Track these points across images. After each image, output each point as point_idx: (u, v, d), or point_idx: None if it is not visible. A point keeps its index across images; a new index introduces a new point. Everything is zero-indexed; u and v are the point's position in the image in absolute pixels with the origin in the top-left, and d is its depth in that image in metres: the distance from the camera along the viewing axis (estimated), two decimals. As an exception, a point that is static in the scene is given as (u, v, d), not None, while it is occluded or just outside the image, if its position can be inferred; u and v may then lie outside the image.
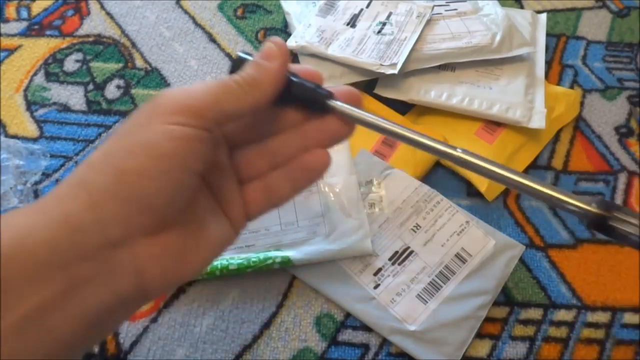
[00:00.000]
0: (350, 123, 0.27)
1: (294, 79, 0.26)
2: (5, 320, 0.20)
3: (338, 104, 0.26)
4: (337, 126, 0.27)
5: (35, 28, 0.56)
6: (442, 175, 0.47)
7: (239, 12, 0.57)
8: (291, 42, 0.49)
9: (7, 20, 0.56)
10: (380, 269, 0.40)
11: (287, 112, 0.28)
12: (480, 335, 0.39)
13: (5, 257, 0.21)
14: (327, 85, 0.27)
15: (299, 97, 0.27)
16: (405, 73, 0.48)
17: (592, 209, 0.23)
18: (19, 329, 0.21)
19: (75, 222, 0.22)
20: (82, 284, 0.22)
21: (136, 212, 0.22)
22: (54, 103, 0.51)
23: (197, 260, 0.25)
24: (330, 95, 0.27)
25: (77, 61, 0.53)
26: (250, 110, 0.25)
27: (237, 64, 0.27)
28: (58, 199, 0.23)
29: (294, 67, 0.27)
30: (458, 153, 0.26)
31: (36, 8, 0.57)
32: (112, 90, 0.51)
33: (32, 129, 0.49)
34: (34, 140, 0.48)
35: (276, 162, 0.28)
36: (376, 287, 0.40)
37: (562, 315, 0.40)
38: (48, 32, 0.55)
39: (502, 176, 0.25)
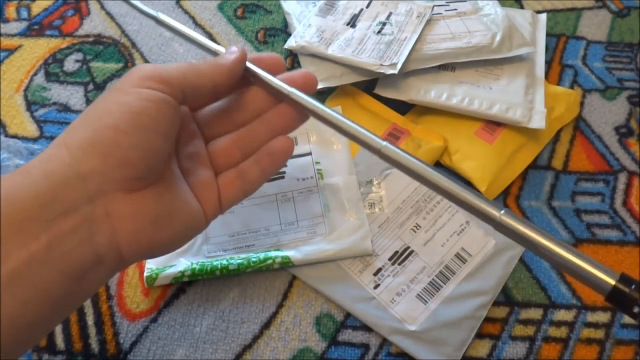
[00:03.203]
0: (301, 109, 0.31)
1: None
2: None
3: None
4: (290, 111, 0.31)
5: (35, 28, 0.56)
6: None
7: (239, 12, 0.57)
8: (291, 42, 0.49)
9: (7, 20, 0.56)
10: (380, 269, 0.40)
11: (252, 101, 0.32)
12: (480, 335, 0.39)
13: None
14: (328, 86, 0.29)
15: None
16: (405, 73, 0.48)
17: (611, 280, 0.22)
18: (9, 283, 0.22)
19: (57, 177, 0.23)
20: (64, 238, 0.23)
21: (113, 165, 0.24)
22: (54, 103, 0.51)
23: (169, 231, 0.27)
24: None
25: (77, 61, 0.53)
26: (210, 86, 0.29)
27: None
28: (40, 160, 0.24)
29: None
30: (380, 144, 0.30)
31: (36, 8, 0.57)
32: (112, 90, 0.51)
33: (32, 129, 0.49)
34: (34, 140, 0.48)
35: (248, 150, 0.32)
36: (376, 287, 0.40)
37: (562, 315, 0.40)
38: (48, 32, 0.55)
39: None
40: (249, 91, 0.32)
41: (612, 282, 0.23)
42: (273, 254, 0.40)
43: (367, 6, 0.52)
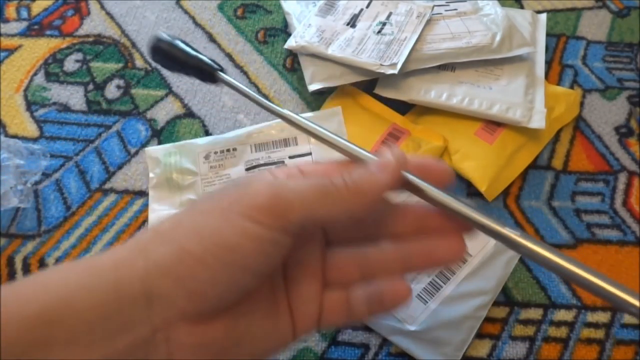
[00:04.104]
0: (460, 252, 0.25)
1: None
2: None
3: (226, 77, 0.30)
4: (446, 253, 0.24)
5: (35, 28, 0.56)
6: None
7: (239, 12, 0.57)
8: (291, 42, 0.49)
9: (7, 20, 0.56)
10: (380, 269, 0.40)
11: (398, 219, 0.26)
12: (480, 335, 0.39)
13: (52, 314, 0.20)
14: (328, 86, 0.27)
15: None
16: (405, 73, 0.48)
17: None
18: None
19: (126, 291, 0.21)
20: (119, 358, 0.21)
21: (184, 295, 0.21)
22: (54, 103, 0.51)
23: (236, 358, 0.24)
24: (220, 69, 0.31)
25: (77, 61, 0.53)
26: (344, 219, 0.23)
27: (157, 44, 0.31)
28: (114, 262, 0.22)
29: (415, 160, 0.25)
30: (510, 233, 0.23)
31: (36, 8, 0.57)
32: (112, 90, 0.52)
33: (32, 129, 0.49)
34: (34, 140, 0.48)
35: (369, 272, 0.25)
36: (376, 287, 0.39)
37: (562, 315, 0.40)
38: (48, 32, 0.55)
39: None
40: (397, 205, 0.26)
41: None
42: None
43: (367, 6, 0.52)
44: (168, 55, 0.35)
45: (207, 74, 0.33)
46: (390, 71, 0.46)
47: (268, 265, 0.23)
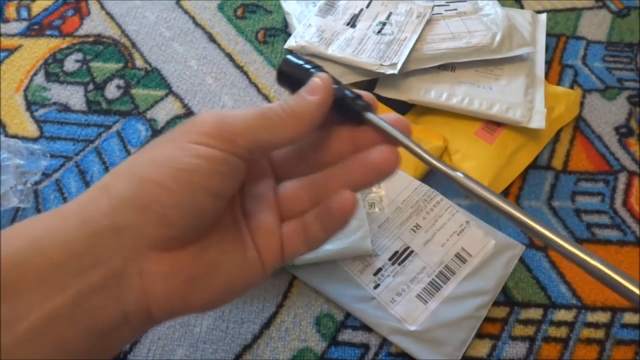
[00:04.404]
0: (392, 158, 0.26)
1: (336, 87, 0.26)
2: (16, 328, 0.20)
3: (374, 118, 0.26)
4: (379, 159, 0.26)
5: (35, 28, 0.56)
6: (442, 175, 0.47)
7: (239, 12, 0.57)
8: (291, 42, 0.49)
9: (7, 20, 0.56)
10: (380, 269, 0.40)
11: (335, 143, 0.27)
12: (480, 335, 0.39)
13: (21, 257, 0.21)
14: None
15: (338, 107, 0.26)
16: (405, 73, 0.48)
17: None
18: (30, 338, 0.20)
19: (93, 227, 0.22)
20: (92, 294, 0.21)
21: (151, 222, 0.22)
22: (54, 103, 0.51)
23: (207, 290, 0.24)
24: (368, 107, 0.26)
25: (77, 61, 0.53)
26: (286, 141, 0.25)
27: (286, 68, 0.27)
28: (79, 203, 0.23)
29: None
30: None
31: (36, 8, 0.57)
32: (112, 90, 0.52)
33: (32, 129, 0.49)
34: (34, 140, 0.48)
35: (317, 200, 0.27)
36: (376, 287, 0.40)
37: (562, 315, 0.40)
38: (48, 32, 0.55)
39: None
40: (332, 130, 0.27)
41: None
42: (273, 254, 0.40)
43: (367, 6, 0.52)
44: (297, 83, 0.27)
45: (351, 112, 0.27)
46: (390, 71, 0.46)
47: (226, 186, 0.24)
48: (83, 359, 0.22)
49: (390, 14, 0.51)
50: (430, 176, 0.46)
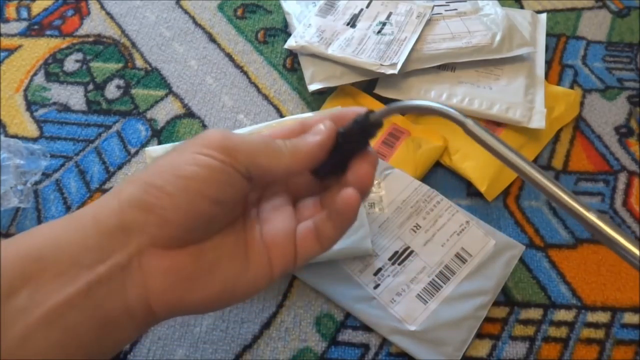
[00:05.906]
0: (351, 202, 0.27)
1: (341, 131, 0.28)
2: (32, 314, 0.22)
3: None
4: (364, 172, 0.28)
5: (35, 28, 0.56)
6: (442, 175, 0.47)
7: (239, 12, 0.57)
8: (291, 42, 0.49)
9: (7, 20, 0.56)
10: (380, 269, 0.40)
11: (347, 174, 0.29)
12: (480, 335, 0.39)
13: (43, 252, 0.23)
14: (328, 86, 0.27)
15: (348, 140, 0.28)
16: (405, 73, 0.48)
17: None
18: (44, 324, 0.22)
19: (104, 225, 0.24)
20: (99, 286, 0.24)
21: (153, 222, 0.24)
22: (54, 103, 0.51)
23: (204, 290, 0.26)
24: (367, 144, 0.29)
25: (77, 61, 0.53)
26: (282, 171, 0.27)
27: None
28: (94, 205, 0.26)
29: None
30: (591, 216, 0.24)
31: (36, 8, 0.57)
32: (112, 90, 0.52)
33: (32, 129, 0.49)
34: (34, 140, 0.48)
35: (327, 204, 0.29)
36: (376, 287, 0.40)
37: (562, 315, 0.40)
38: (48, 32, 0.55)
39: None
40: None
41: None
42: (273, 254, 0.40)
43: (367, 6, 0.52)
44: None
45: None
46: (390, 71, 0.46)
47: (223, 194, 0.25)
48: (89, 349, 0.24)
49: (390, 14, 0.51)
50: (430, 176, 0.46)
